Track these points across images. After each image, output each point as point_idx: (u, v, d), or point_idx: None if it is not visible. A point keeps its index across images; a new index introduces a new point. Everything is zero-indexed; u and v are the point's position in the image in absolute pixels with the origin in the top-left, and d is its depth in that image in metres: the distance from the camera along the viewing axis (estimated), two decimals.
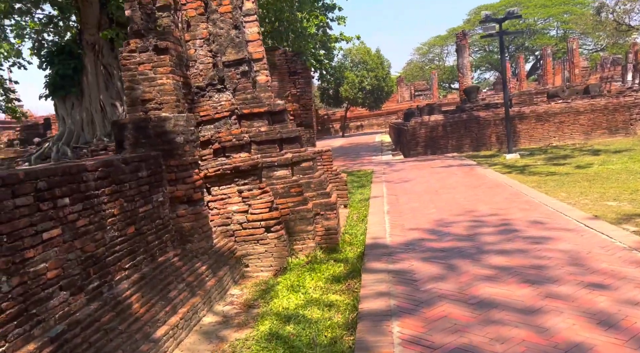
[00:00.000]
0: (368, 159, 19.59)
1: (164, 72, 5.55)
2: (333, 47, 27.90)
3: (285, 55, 13.92)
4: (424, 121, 19.01)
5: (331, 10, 21.80)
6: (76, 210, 3.37)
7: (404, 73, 62.16)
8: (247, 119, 6.43)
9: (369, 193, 10.74)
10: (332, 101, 45.66)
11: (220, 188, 6.22)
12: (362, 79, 40.88)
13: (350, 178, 13.82)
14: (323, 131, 49.83)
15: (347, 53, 43.41)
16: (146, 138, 4.90)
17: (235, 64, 6.38)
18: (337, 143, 33.63)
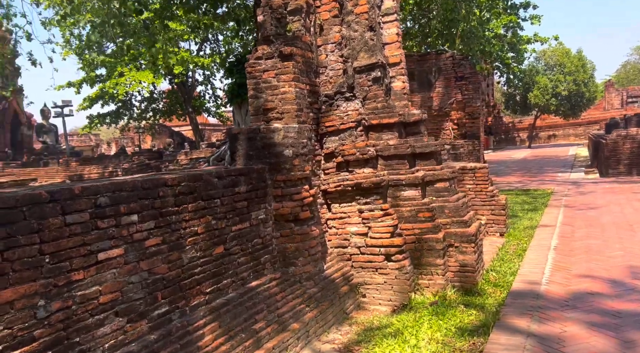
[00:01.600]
0: (552, 176, 16.97)
1: (286, 79, 5.23)
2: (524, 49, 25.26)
3: (452, 58, 12.75)
4: (630, 134, 15.66)
5: (524, 8, 19.57)
6: (146, 228, 3.16)
7: (616, 77, 53.59)
8: (375, 131, 5.75)
9: (539, 219, 9.02)
10: (518, 107, 41.59)
11: (340, 205, 5.67)
12: (557, 84, 36.27)
13: (522, 197, 12.00)
14: (506, 140, 45.81)
15: (541, 55, 39.05)
16: (254, 149, 4.62)
17: (367, 69, 5.76)
18: (520, 154, 30.36)
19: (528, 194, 12.46)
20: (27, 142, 33.57)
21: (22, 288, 2.39)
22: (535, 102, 36.58)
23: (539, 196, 12.12)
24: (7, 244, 2.32)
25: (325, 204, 5.77)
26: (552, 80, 36.18)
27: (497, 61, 23.89)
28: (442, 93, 12.86)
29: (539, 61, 39.41)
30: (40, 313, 2.49)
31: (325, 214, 5.72)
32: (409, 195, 5.52)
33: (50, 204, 2.54)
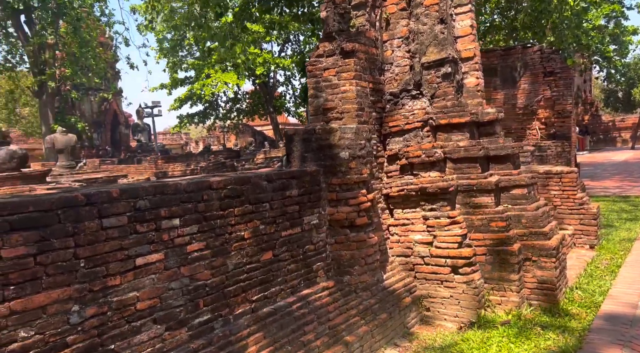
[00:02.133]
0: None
1: (347, 78, 4.99)
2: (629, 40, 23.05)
3: (540, 52, 11.73)
4: None
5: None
6: (188, 233, 3.08)
7: None
8: (443, 131, 5.32)
9: (639, 231, 7.97)
10: (620, 105, 37.99)
11: (403, 211, 5.32)
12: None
13: (620, 205, 10.77)
14: (605, 141, 41.91)
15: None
16: (309, 151, 4.42)
17: (436, 65, 5.34)
18: (621, 156, 27.57)
19: (628, 202, 11.15)
20: (125, 140, 36.27)
21: (55, 292, 2.37)
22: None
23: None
24: (41, 247, 2.31)
25: (387, 210, 5.45)
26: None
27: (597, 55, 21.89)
28: (528, 90, 11.88)
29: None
30: (73, 318, 2.46)
31: (387, 220, 5.39)
32: (480, 202, 5.04)
33: (86, 207, 2.51)
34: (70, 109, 30.27)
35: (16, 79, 26.63)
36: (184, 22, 13.27)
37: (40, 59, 23.49)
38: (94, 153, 30.02)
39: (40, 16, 22.81)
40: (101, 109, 34.25)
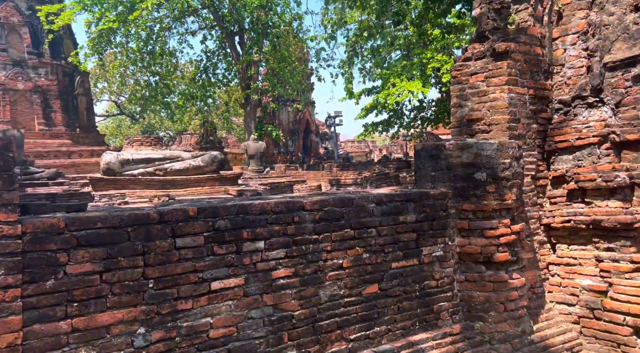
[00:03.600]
0: None
1: (498, 83, 4.21)
2: None
3: None
4: None
5: None
6: (274, 257, 2.86)
7: None
8: (632, 150, 4.08)
9: None
10: None
11: (569, 247, 4.26)
12: None
13: None
14: None
15: None
16: (437, 170, 3.81)
17: (624, 65, 4.13)
18: None
19: None
20: (314, 147, 39.01)
21: (121, 313, 2.37)
22: None
23: None
24: (107, 265, 2.33)
25: (547, 243, 4.45)
26: None
27: None
28: None
29: None
30: (138, 341, 2.43)
31: (547, 257, 4.40)
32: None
33: (158, 226, 2.47)
34: (271, 119, 33.69)
35: (230, 93, 30.77)
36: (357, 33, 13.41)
37: (247, 74, 26.65)
38: (288, 158, 32.95)
39: (250, 36, 25.86)
40: (296, 118, 37.38)
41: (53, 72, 21.26)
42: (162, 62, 24.14)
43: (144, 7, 17.81)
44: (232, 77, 29.55)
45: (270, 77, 26.97)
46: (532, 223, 4.34)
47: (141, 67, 23.29)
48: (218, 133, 40.29)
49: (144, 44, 20.92)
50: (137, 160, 14.19)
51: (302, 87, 34.98)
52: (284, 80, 27.67)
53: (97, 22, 18.33)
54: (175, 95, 29.09)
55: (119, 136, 43.45)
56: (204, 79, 26.65)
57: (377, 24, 13.23)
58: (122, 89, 39.72)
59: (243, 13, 22.70)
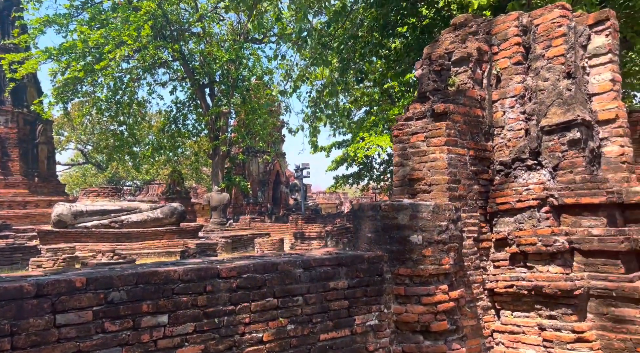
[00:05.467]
0: None
1: (437, 143, 4.19)
2: None
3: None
4: None
5: None
6: (180, 333, 2.58)
7: None
8: (570, 214, 4.06)
9: None
10: None
11: (512, 314, 4.11)
12: None
13: None
14: None
15: None
16: (373, 231, 3.67)
17: (560, 129, 4.19)
18: None
19: None
20: (284, 198, 38.81)
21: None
22: None
23: None
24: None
25: (492, 309, 4.29)
26: None
27: None
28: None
29: None
30: None
31: (492, 324, 4.23)
32: (622, 315, 3.62)
33: (34, 301, 2.19)
34: (241, 170, 33.50)
35: (200, 143, 30.64)
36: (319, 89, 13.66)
37: (216, 126, 26.69)
38: (257, 209, 32.56)
39: (220, 89, 26.11)
40: (266, 169, 37.34)
41: (13, 120, 20.79)
42: (130, 112, 24.01)
43: (112, 58, 17.83)
44: (201, 128, 29.51)
45: (240, 129, 27.08)
46: (476, 288, 4.20)
47: (109, 117, 23.08)
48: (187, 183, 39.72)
49: (112, 93, 20.82)
50: (91, 212, 13.67)
51: (273, 139, 35.20)
52: (254, 132, 27.80)
53: (63, 72, 18.20)
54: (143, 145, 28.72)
55: (84, 185, 42.38)
56: (174, 130, 26.52)
57: (340, 80, 13.50)
58: (88, 138, 39.17)
59: (213, 66, 23.01)
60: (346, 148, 26.99)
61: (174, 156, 29.91)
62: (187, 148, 36.58)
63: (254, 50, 25.77)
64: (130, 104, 23.44)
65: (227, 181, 27.57)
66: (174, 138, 26.84)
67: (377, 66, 13.88)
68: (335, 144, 28.65)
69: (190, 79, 24.66)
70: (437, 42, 4.74)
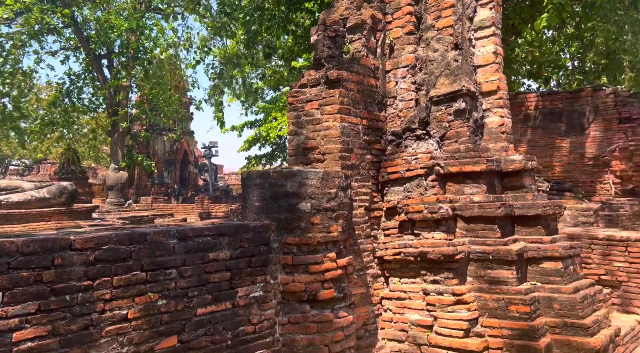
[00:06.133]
0: None
1: (330, 111, 4.09)
2: None
3: (614, 95, 10.13)
4: None
5: None
6: (18, 314, 2.22)
7: None
8: (454, 182, 4.19)
9: None
10: None
11: (400, 281, 4.18)
12: None
13: None
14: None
15: None
16: (261, 200, 3.50)
17: (447, 99, 4.28)
18: None
19: None
20: (193, 179, 37.40)
21: None
22: None
23: None
24: None
25: (382, 277, 4.34)
26: None
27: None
28: (598, 138, 10.24)
29: None
30: None
31: (381, 291, 4.27)
32: (497, 276, 3.80)
33: None
34: (144, 148, 31.62)
35: (98, 120, 28.37)
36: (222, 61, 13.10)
37: (115, 100, 24.83)
38: (163, 190, 31.04)
39: (119, 60, 24.22)
40: (173, 148, 35.63)
41: None
42: (14, 82, 21.57)
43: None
44: (99, 103, 27.35)
45: (143, 105, 25.47)
46: (366, 256, 4.21)
47: None
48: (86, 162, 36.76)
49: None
50: None
51: (179, 116, 33.60)
52: (158, 108, 26.30)
53: None
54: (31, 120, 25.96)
55: None
56: (67, 104, 24.26)
57: (246, 54, 13.04)
58: None
59: (111, 35, 21.25)
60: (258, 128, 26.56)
61: (68, 132, 27.48)
62: (83, 125, 33.83)
63: (157, 20, 24.18)
64: (14, 73, 21.07)
65: (128, 160, 25.92)
66: (67, 113, 24.59)
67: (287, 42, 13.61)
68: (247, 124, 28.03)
69: (84, 49, 22.60)
70: (333, 8, 4.61)
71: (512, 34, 11.43)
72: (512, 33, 11.53)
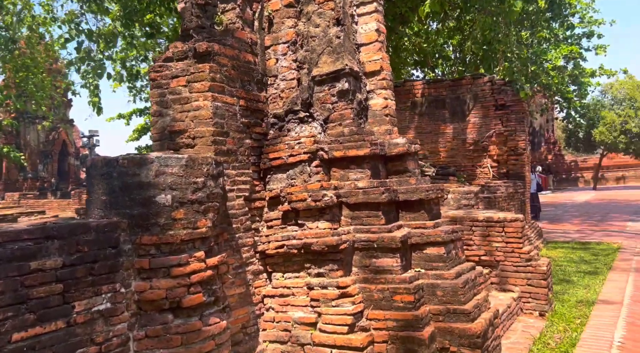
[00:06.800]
0: (620, 226, 14.12)
1: (201, 89, 3.58)
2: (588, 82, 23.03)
3: (491, 84, 10.75)
4: None
5: (587, 37, 17.75)
6: None
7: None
8: (339, 167, 3.93)
9: (599, 289, 6.69)
10: (581, 145, 38.08)
11: (284, 276, 3.84)
12: (627, 120, 32.62)
13: (579, 253, 9.57)
14: (568, 181, 41.86)
15: (607, 88, 35.75)
16: (109, 193, 2.92)
17: (330, 79, 4.00)
18: (584, 197, 27.09)
19: (587, 250, 9.97)
20: (74, 172, 34.04)
21: None
22: (601, 139, 32.97)
23: (602, 252, 9.61)
24: None
25: (264, 273, 3.96)
26: (621, 115, 32.60)
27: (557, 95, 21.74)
28: (478, 124, 10.82)
29: (604, 94, 36.12)
30: None
31: (263, 289, 3.89)
32: (382, 265, 3.61)
33: None
34: (14, 138, 28.15)
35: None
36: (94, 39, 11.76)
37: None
38: (37, 185, 27.88)
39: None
40: (49, 138, 32.14)
41: None
42: None
43: None
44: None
45: (9, 89, 22.49)
46: (246, 252, 3.80)
47: None
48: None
49: None
50: None
51: (55, 103, 30.34)
52: (28, 93, 23.41)
53: None
54: None
55: None
56: None
57: (124, 32, 11.82)
58: None
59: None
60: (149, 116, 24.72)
61: None
62: None
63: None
64: None
65: None
66: None
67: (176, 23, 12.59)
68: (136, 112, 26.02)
69: None
70: None
71: (400, 22, 11.65)
72: (400, 21, 11.77)
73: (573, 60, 20.50)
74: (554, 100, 23.35)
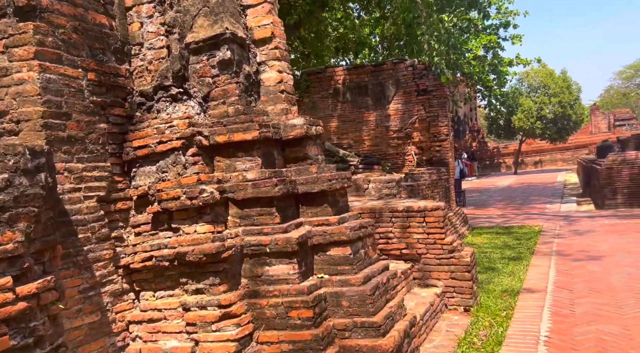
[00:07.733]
0: (540, 208, 14.46)
1: (24, 56, 2.70)
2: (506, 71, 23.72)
3: (413, 68, 10.41)
4: (629, 158, 13.32)
5: (504, 27, 18.24)
6: None
7: (601, 101, 52.62)
8: (224, 156, 3.20)
9: (523, 277, 6.45)
10: (502, 132, 39.70)
11: (155, 294, 3.06)
12: (542, 106, 34.32)
13: (503, 238, 9.47)
14: (492, 166, 43.69)
15: (524, 77, 37.44)
16: None
17: (209, 47, 3.24)
18: (506, 181, 28.08)
19: (511, 234, 9.93)
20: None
21: None
22: (520, 126, 34.52)
23: (524, 236, 9.58)
24: None
25: (131, 293, 3.15)
26: (537, 102, 34.26)
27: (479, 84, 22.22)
28: (401, 110, 10.45)
29: (522, 82, 37.83)
30: None
31: (129, 313, 3.09)
32: (277, 274, 2.93)
33: None
34: None
35: None
36: None
37: None
38: None
39: None
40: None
41: None
42: None
43: None
44: None
45: None
46: (101, 268, 2.97)
47: None
48: None
49: None
50: None
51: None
52: None
53: None
54: None
55: None
56: None
57: None
58: None
59: None
60: None
61: None
62: None
63: None
64: None
65: None
66: None
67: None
68: None
69: None
70: None
71: (319, 5, 11.05)
72: (320, 5, 11.17)
73: (492, 49, 21.02)
74: (476, 89, 23.91)
